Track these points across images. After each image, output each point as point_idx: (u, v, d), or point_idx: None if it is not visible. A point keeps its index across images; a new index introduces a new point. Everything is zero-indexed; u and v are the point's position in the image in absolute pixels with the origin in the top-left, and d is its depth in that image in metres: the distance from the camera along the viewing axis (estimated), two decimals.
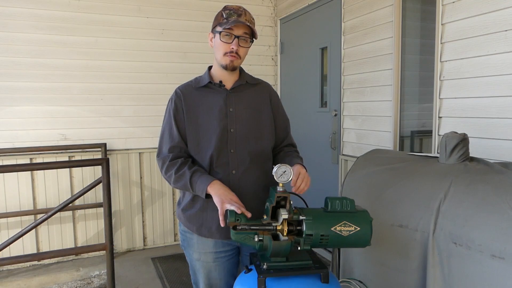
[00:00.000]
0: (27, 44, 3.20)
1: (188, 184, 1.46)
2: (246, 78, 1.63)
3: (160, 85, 3.62)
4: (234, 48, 1.49)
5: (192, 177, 1.46)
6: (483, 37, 1.95)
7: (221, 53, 1.52)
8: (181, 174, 1.48)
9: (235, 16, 1.48)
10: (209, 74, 1.61)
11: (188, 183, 1.46)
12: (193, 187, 1.46)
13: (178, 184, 1.49)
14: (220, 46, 1.51)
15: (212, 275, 1.60)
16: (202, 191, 1.44)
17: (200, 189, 1.44)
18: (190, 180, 1.46)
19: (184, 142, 1.55)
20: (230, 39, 1.49)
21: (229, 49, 1.50)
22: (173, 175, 1.49)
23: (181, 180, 1.48)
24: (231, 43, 1.49)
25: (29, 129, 3.26)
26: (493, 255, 1.28)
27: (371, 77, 2.80)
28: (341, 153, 3.15)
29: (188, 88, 1.60)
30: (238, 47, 1.50)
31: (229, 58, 1.51)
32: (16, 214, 3.22)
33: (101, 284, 2.99)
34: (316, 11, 3.42)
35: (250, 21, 1.51)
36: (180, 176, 1.48)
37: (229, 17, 1.48)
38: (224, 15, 1.50)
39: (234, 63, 1.53)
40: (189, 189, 1.48)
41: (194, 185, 1.46)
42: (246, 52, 1.56)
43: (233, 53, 1.50)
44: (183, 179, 1.47)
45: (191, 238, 1.60)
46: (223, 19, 1.50)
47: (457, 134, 1.63)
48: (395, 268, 1.63)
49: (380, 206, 1.71)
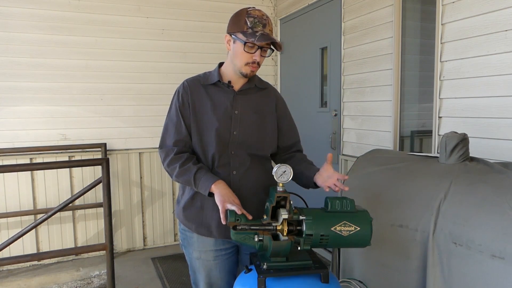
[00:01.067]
0: (27, 44, 3.20)
1: (192, 180, 1.45)
2: (255, 82, 1.62)
3: (160, 85, 3.62)
4: (256, 60, 1.49)
5: (197, 173, 1.45)
6: (483, 37, 1.95)
7: (242, 62, 1.50)
8: (186, 168, 1.47)
9: (260, 27, 1.44)
10: (219, 72, 1.59)
11: (192, 178, 1.45)
12: (197, 184, 1.45)
13: (181, 178, 1.49)
14: (242, 55, 1.49)
15: (212, 273, 1.60)
16: (205, 189, 1.43)
17: (204, 187, 1.44)
18: (194, 176, 1.45)
19: (189, 137, 1.54)
20: (253, 49, 1.47)
21: (252, 59, 1.48)
22: (177, 169, 1.48)
23: (184, 175, 1.47)
24: (254, 53, 1.48)
25: (29, 129, 3.26)
26: (493, 255, 1.28)
27: (371, 77, 2.80)
28: (341, 153, 3.15)
29: (196, 83, 1.58)
30: (260, 58, 1.49)
31: (250, 69, 1.50)
32: (16, 214, 3.22)
33: (101, 284, 2.99)
34: (316, 11, 3.42)
35: (272, 30, 1.50)
36: (184, 170, 1.47)
37: (254, 27, 1.44)
38: (249, 24, 1.45)
39: (255, 73, 1.54)
40: (192, 184, 1.47)
41: (198, 182, 1.45)
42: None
43: (255, 64, 1.50)
44: (187, 173, 1.46)
45: (191, 236, 1.59)
46: (247, 28, 1.45)
47: (457, 134, 1.63)
48: (395, 268, 1.63)
49: (380, 206, 1.71)
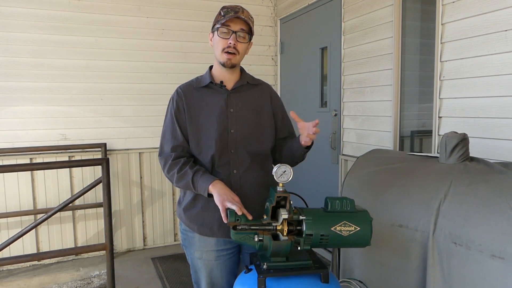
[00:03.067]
0: (27, 44, 3.20)
1: (190, 183, 1.47)
2: (247, 79, 1.64)
3: (160, 85, 3.62)
4: (231, 43, 1.50)
5: (194, 176, 1.47)
6: (483, 37, 1.95)
7: (219, 50, 1.52)
8: (183, 173, 1.49)
9: (232, 13, 1.50)
10: (210, 74, 1.61)
11: (190, 182, 1.47)
12: (195, 186, 1.47)
13: (180, 183, 1.50)
14: (218, 43, 1.52)
15: (214, 273, 1.60)
16: (204, 190, 1.45)
17: (202, 188, 1.45)
18: (192, 179, 1.47)
19: (186, 142, 1.56)
20: (228, 34, 1.50)
21: (227, 44, 1.50)
22: (176, 174, 1.50)
23: (183, 179, 1.49)
24: (229, 38, 1.50)
25: (29, 129, 3.26)
26: (493, 255, 1.28)
27: (371, 77, 2.80)
28: (341, 153, 3.15)
29: (189, 87, 1.61)
30: (236, 42, 1.51)
31: (226, 56, 1.51)
32: (16, 214, 3.22)
33: (101, 284, 2.99)
34: (316, 11, 3.42)
35: (248, 17, 1.52)
36: (182, 175, 1.49)
37: (226, 14, 1.51)
38: (222, 13, 1.52)
39: (232, 60, 1.53)
40: (191, 188, 1.48)
41: (196, 184, 1.47)
42: (245, 49, 1.56)
43: (231, 48, 1.50)
44: (185, 178, 1.48)
45: (192, 236, 1.60)
46: (220, 17, 1.52)
47: (457, 134, 1.63)
48: (395, 268, 1.63)
49: (380, 206, 1.71)
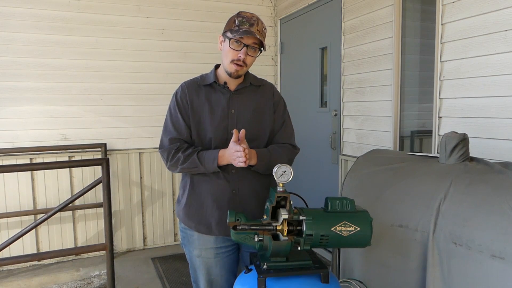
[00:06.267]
0: (27, 44, 3.20)
1: (197, 160, 1.49)
2: (250, 80, 1.64)
3: (160, 85, 3.62)
4: (241, 57, 1.49)
5: (199, 153, 1.50)
6: (483, 37, 1.95)
7: (228, 60, 1.52)
8: (189, 153, 1.51)
9: (247, 25, 1.47)
10: (215, 73, 1.62)
11: (196, 159, 1.49)
12: (202, 160, 1.49)
13: (186, 163, 1.51)
14: (229, 53, 1.51)
15: (213, 271, 1.60)
16: (213, 160, 1.47)
17: (211, 158, 1.48)
18: (197, 155, 1.49)
19: (189, 136, 1.57)
20: (239, 47, 1.49)
21: (237, 57, 1.50)
22: (182, 157, 1.50)
23: (189, 158, 1.50)
24: (240, 51, 1.49)
25: (29, 129, 3.26)
26: (493, 255, 1.28)
27: (371, 77, 2.80)
28: (341, 153, 3.15)
29: (194, 84, 1.61)
30: (246, 56, 1.50)
31: (234, 67, 1.52)
32: (16, 214, 3.22)
33: (101, 284, 2.99)
34: (316, 11, 3.42)
35: (261, 32, 1.50)
36: (188, 155, 1.50)
37: (241, 25, 1.47)
38: (237, 22, 1.49)
39: (240, 72, 1.54)
40: (198, 164, 1.49)
41: (203, 158, 1.49)
42: (253, 61, 1.56)
43: (240, 61, 1.50)
44: (191, 156, 1.50)
45: (191, 235, 1.60)
46: (234, 26, 1.49)
47: (457, 134, 1.63)
48: (395, 268, 1.63)
49: (380, 206, 1.71)
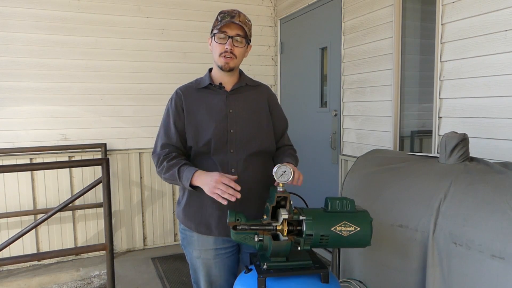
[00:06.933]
0: (27, 44, 3.20)
1: (176, 174, 1.48)
2: (245, 80, 1.66)
3: (160, 85, 3.62)
4: (228, 48, 1.53)
5: (180, 167, 1.49)
6: (483, 37, 1.95)
7: (217, 54, 1.56)
8: (172, 164, 1.50)
9: (228, 18, 1.52)
10: (210, 75, 1.64)
11: (176, 172, 1.48)
12: (180, 176, 1.48)
13: (167, 174, 1.51)
14: (216, 48, 1.56)
15: (213, 272, 1.60)
16: (187, 180, 1.45)
17: (186, 177, 1.46)
18: (178, 169, 1.48)
19: (180, 142, 1.58)
20: (224, 40, 1.53)
21: (224, 49, 1.53)
22: (165, 166, 1.51)
23: (170, 170, 1.50)
24: (225, 43, 1.53)
25: (29, 129, 3.26)
26: (493, 255, 1.28)
27: (371, 77, 2.80)
28: (341, 153, 3.15)
29: (189, 89, 1.63)
30: (233, 47, 1.53)
31: (223, 60, 1.54)
32: (16, 214, 3.21)
33: (101, 284, 2.99)
34: (316, 11, 3.42)
35: (244, 22, 1.54)
36: (171, 166, 1.50)
37: (222, 20, 1.53)
38: (219, 18, 1.55)
39: (230, 64, 1.56)
40: (176, 178, 1.49)
41: (181, 174, 1.48)
42: (243, 53, 1.59)
43: (228, 53, 1.53)
44: (172, 169, 1.49)
45: (191, 236, 1.61)
46: (217, 22, 1.55)
47: (457, 134, 1.63)
48: (395, 268, 1.63)
49: (380, 206, 1.71)
